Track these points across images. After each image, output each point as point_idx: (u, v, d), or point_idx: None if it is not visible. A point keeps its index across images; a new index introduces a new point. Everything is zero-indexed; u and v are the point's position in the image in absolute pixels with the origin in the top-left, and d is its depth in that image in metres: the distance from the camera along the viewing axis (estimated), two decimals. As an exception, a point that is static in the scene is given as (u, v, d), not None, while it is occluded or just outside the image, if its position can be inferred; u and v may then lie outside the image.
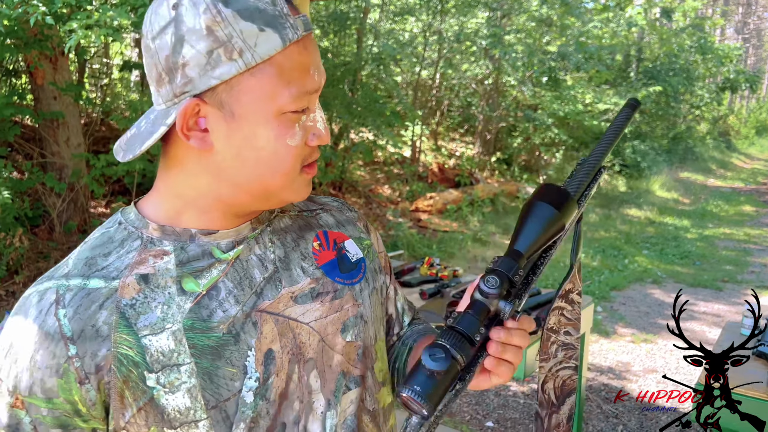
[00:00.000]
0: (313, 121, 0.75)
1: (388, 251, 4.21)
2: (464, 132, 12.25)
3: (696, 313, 5.57)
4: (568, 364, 0.88)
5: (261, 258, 0.80)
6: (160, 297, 0.73)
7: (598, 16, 11.65)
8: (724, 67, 17.54)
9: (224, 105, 0.70)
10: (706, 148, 19.31)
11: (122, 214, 0.80)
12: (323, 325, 0.81)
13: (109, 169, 5.56)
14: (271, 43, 0.68)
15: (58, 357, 0.69)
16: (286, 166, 0.73)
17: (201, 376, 0.72)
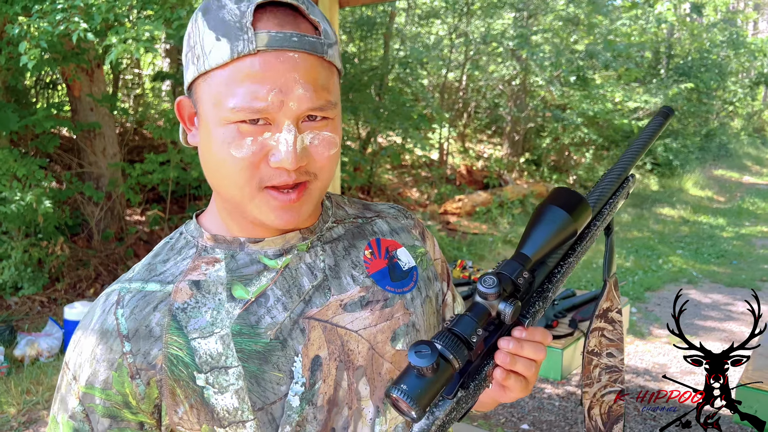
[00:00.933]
0: (276, 141, 0.71)
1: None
2: (492, 133, 12.20)
3: (734, 313, 5.46)
4: (613, 388, 0.84)
5: (310, 266, 0.81)
6: (210, 302, 0.76)
7: (626, 13, 11.50)
8: (757, 61, 17.13)
9: (196, 104, 0.76)
10: (741, 144, 18.87)
11: (185, 226, 0.85)
12: (372, 333, 0.82)
13: (144, 178, 5.69)
14: (220, 52, 0.70)
15: (114, 352, 0.74)
16: (235, 178, 0.72)
17: (248, 379, 0.74)
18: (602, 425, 0.84)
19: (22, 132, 5.28)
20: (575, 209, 0.73)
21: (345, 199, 0.95)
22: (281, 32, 0.70)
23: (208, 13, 0.72)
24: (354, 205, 0.94)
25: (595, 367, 0.82)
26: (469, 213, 8.45)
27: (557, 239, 0.73)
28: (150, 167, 5.61)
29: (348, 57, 8.52)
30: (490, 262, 6.84)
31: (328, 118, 0.75)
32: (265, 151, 0.72)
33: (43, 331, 4.35)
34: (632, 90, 11.54)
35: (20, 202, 4.28)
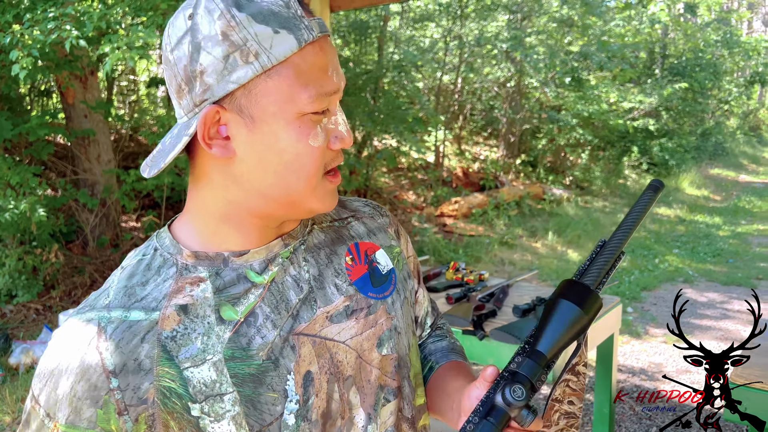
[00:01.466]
0: (334, 123, 0.74)
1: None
2: (488, 135, 12.22)
3: (730, 311, 5.47)
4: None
5: (296, 279, 0.79)
6: (199, 327, 0.73)
7: (619, 14, 11.53)
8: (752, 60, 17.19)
9: (243, 110, 0.70)
10: (737, 143, 18.92)
11: (157, 239, 0.80)
12: (359, 342, 0.82)
13: (138, 184, 5.69)
14: (287, 44, 0.68)
15: (99, 389, 0.69)
16: (309, 168, 0.73)
17: (244, 403, 0.72)
18: None
19: (16, 140, 5.28)
20: (586, 303, 0.75)
21: None
22: (318, 18, 0.72)
23: (245, 8, 0.68)
24: None
25: (555, 412, 0.86)
26: (466, 215, 8.46)
27: (570, 334, 0.75)
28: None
29: (343, 61, 8.54)
30: (486, 263, 6.85)
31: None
32: (328, 137, 0.74)
33: (38, 338, 4.35)
34: (627, 90, 11.56)
35: (14, 210, 4.28)
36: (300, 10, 0.70)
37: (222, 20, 0.67)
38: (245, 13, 0.67)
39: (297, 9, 0.69)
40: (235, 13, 0.67)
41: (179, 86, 0.71)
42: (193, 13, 0.70)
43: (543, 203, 9.60)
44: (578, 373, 0.87)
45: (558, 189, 10.47)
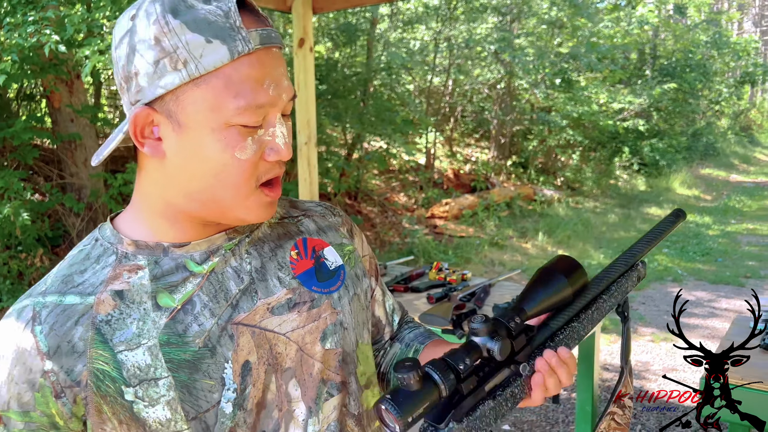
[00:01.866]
0: (271, 135, 0.73)
1: (402, 257, 4.21)
2: (479, 137, 12.24)
3: (718, 309, 5.48)
4: None
5: (237, 270, 0.80)
6: (135, 313, 0.74)
7: (608, 15, 11.58)
8: (741, 60, 17.29)
9: (172, 114, 0.71)
10: (728, 143, 19.01)
11: (99, 230, 0.81)
12: (301, 334, 0.82)
13: (126, 188, 5.67)
14: (218, 55, 0.68)
15: (35, 372, 0.70)
16: (236, 179, 0.72)
17: (179, 389, 0.73)
18: None
19: (1, 145, 5.26)
20: (572, 275, 0.82)
21: None
22: (264, 29, 0.71)
23: (180, 14, 0.68)
24: (281, 204, 0.93)
25: None
26: (456, 216, 8.46)
27: (552, 300, 0.80)
28: (132, 177, 5.60)
29: (332, 64, 8.54)
30: (477, 264, 6.85)
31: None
32: (262, 149, 0.73)
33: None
34: (617, 91, 11.61)
35: (-2, 214, 4.25)
36: (239, 21, 0.69)
37: (156, 25, 0.68)
38: (180, 20, 0.68)
39: (236, 20, 0.69)
40: (169, 20, 0.68)
41: (120, 84, 0.74)
42: (135, 14, 0.71)
43: (534, 204, 9.62)
44: (624, 406, 0.90)
45: (549, 190, 10.49)
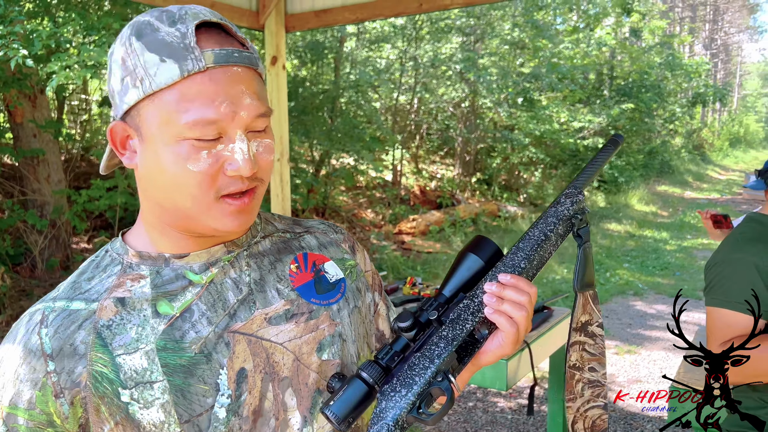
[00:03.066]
0: (230, 151, 0.75)
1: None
2: (444, 154, 12.41)
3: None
4: (596, 403, 0.86)
5: (236, 281, 0.83)
6: (135, 319, 0.78)
7: (568, 37, 11.95)
8: (693, 82, 18.01)
9: (137, 128, 0.76)
10: (682, 161, 19.68)
11: (111, 244, 0.86)
12: (298, 345, 0.84)
13: (91, 204, 5.57)
14: (170, 72, 0.72)
15: (38, 371, 0.75)
16: (192, 190, 0.75)
17: (174, 392, 0.76)
18: None
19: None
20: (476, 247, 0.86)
21: (275, 216, 0.98)
22: (224, 49, 0.75)
23: (143, 37, 0.73)
24: (284, 221, 0.96)
25: (577, 382, 0.85)
26: (423, 232, 8.54)
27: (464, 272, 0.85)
28: (97, 193, 5.51)
29: (300, 81, 8.58)
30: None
31: (267, 126, 0.80)
32: (221, 162, 0.75)
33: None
34: (577, 110, 11.95)
35: (-42, 231, 4.13)
36: (193, 42, 0.73)
37: (123, 47, 0.75)
38: (141, 41, 0.74)
39: (191, 41, 0.73)
40: (133, 41, 0.74)
41: (110, 101, 0.81)
42: (118, 38, 0.79)
43: (498, 220, 9.78)
44: (593, 334, 0.86)
45: (512, 206, 10.69)
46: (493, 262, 0.85)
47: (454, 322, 0.80)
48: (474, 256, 0.84)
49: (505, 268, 0.83)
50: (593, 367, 0.85)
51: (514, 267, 0.83)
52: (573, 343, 0.85)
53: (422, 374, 0.77)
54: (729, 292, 1.40)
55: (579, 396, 0.84)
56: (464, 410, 3.85)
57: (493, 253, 0.85)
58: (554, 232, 0.86)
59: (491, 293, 0.80)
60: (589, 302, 0.87)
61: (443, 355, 0.78)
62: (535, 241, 0.85)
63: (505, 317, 0.79)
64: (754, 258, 1.41)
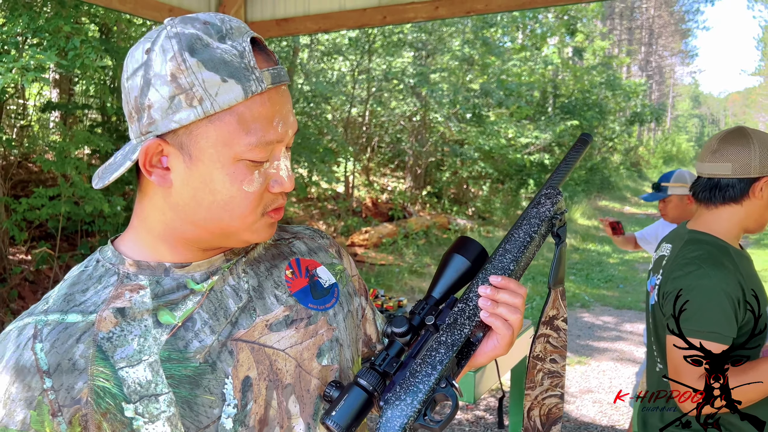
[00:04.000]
0: (276, 168, 0.76)
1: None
2: (395, 167, 12.49)
3: (624, 333, 5.85)
4: (554, 392, 0.89)
5: (235, 288, 0.82)
6: (136, 330, 0.75)
7: (516, 55, 12.28)
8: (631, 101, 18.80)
9: (184, 147, 0.73)
10: (621, 177, 20.48)
11: (100, 252, 0.82)
12: (299, 351, 0.84)
13: (31, 213, 5.31)
14: (233, 93, 0.70)
15: (33, 389, 0.70)
16: (243, 210, 0.75)
17: (180, 404, 0.74)
18: (540, 426, 0.89)
19: None
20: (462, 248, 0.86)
21: None
22: (275, 68, 0.74)
23: (197, 53, 0.70)
24: None
25: (538, 372, 0.88)
26: (376, 244, 8.55)
27: (453, 274, 0.85)
28: (38, 202, 5.25)
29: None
30: (398, 291, 6.93)
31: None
32: (268, 181, 0.76)
33: None
34: (524, 126, 12.27)
35: None
36: (253, 62, 0.72)
37: (173, 62, 0.70)
38: (197, 58, 0.70)
39: (250, 60, 0.71)
40: (186, 57, 0.70)
41: (130, 113, 0.75)
42: (151, 48, 0.72)
43: (448, 233, 9.90)
44: (558, 328, 0.89)
45: (462, 219, 10.85)
46: (480, 262, 0.86)
47: (451, 327, 0.81)
48: (460, 256, 0.85)
49: (495, 270, 0.84)
50: (554, 359, 0.89)
51: (503, 269, 0.85)
52: (539, 335, 0.88)
53: (426, 381, 0.78)
54: (707, 322, 1.40)
55: (538, 385, 0.88)
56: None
57: (479, 253, 0.86)
58: (538, 233, 0.89)
59: (486, 296, 0.81)
60: (558, 298, 0.91)
61: (445, 361, 0.79)
62: (521, 242, 0.87)
63: (501, 320, 0.81)
64: (722, 284, 1.41)
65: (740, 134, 1.53)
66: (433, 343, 0.80)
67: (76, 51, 3.74)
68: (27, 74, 3.52)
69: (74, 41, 3.85)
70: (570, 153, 0.97)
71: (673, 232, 1.70)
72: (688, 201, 2.95)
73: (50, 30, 3.74)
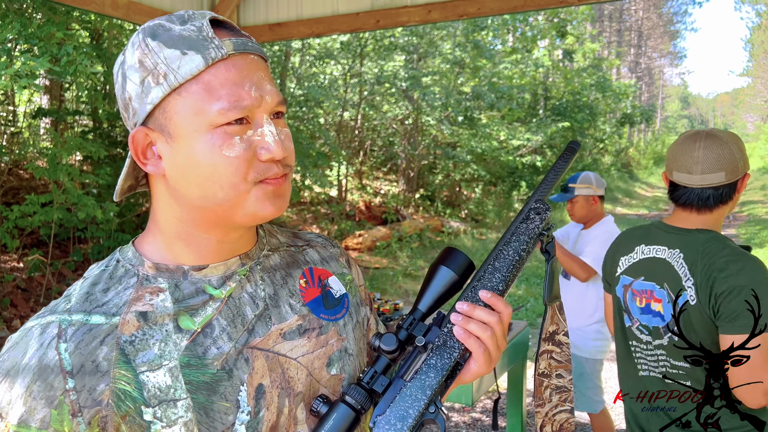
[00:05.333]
0: (260, 135, 0.75)
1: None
2: (388, 170, 12.50)
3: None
4: (563, 407, 0.90)
5: (252, 296, 0.83)
6: (157, 334, 0.76)
7: (507, 57, 12.34)
8: (621, 103, 18.93)
9: (163, 128, 0.75)
10: (612, 178, 20.58)
11: (120, 252, 0.83)
12: (310, 360, 0.85)
13: (23, 221, 5.28)
14: (194, 63, 0.72)
15: (56, 389, 0.71)
16: (230, 178, 0.74)
17: (197, 410, 0.74)
18: None
19: None
20: (447, 260, 0.85)
21: (275, 228, 0.98)
22: (239, 38, 0.76)
23: (158, 36, 0.74)
24: (284, 234, 0.97)
25: (546, 388, 0.88)
26: (370, 248, 8.55)
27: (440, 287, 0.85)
28: (30, 209, 5.22)
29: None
30: (392, 295, 6.94)
31: (284, 113, 0.80)
32: (254, 148, 0.75)
33: None
34: (515, 129, 12.32)
35: None
36: (211, 33, 0.74)
37: (139, 50, 0.75)
38: (157, 41, 0.74)
39: (208, 32, 0.74)
40: (149, 42, 0.74)
41: (123, 115, 0.79)
42: (125, 48, 0.77)
43: (442, 235, 9.91)
44: (560, 343, 0.89)
45: (455, 222, 10.87)
46: (466, 275, 0.86)
47: (441, 350, 0.81)
48: (446, 268, 0.84)
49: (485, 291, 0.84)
50: (560, 374, 0.89)
51: (493, 290, 0.84)
52: (542, 352, 0.88)
53: (415, 406, 0.79)
54: None
55: (547, 401, 0.88)
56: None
57: (466, 265, 0.85)
58: (527, 252, 0.88)
59: (459, 312, 0.81)
60: (556, 313, 0.90)
61: (434, 386, 0.80)
62: (511, 261, 0.87)
63: (473, 338, 0.81)
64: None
65: (716, 140, 1.56)
66: (423, 366, 0.81)
67: (69, 57, 3.72)
68: (19, 81, 3.51)
69: (67, 48, 3.84)
70: (558, 162, 0.96)
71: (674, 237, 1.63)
72: (593, 202, 3.07)
73: (42, 36, 3.73)
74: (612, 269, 1.79)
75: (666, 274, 1.60)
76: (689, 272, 1.55)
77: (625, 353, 1.72)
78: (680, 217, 1.64)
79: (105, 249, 6.04)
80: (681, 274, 1.57)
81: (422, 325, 0.83)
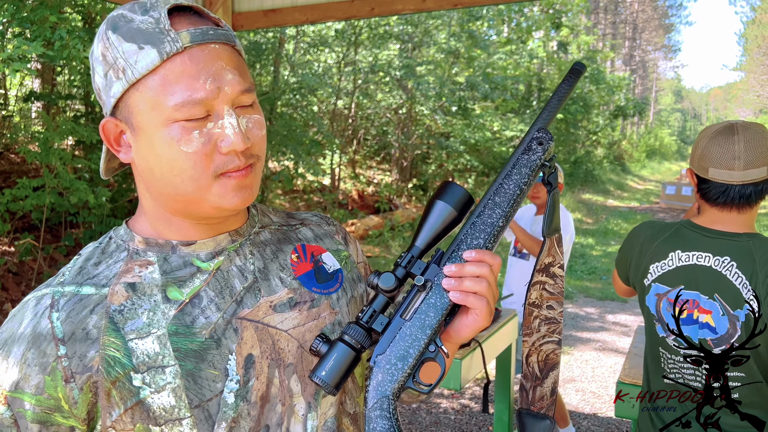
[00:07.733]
0: (221, 127, 0.75)
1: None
2: (381, 160, 12.50)
3: (606, 323, 5.94)
4: (551, 338, 0.90)
5: (241, 269, 0.85)
6: (146, 304, 0.78)
7: (502, 48, 12.33)
8: (615, 95, 18.96)
9: (128, 120, 0.77)
10: (604, 171, 20.65)
11: (114, 231, 0.86)
12: (301, 332, 0.86)
13: (15, 205, 5.26)
14: (149, 58, 0.73)
15: (48, 356, 0.74)
16: (190, 172, 0.75)
17: (185, 377, 0.77)
18: (539, 371, 0.91)
19: None
20: (445, 194, 0.82)
21: (269, 208, 0.99)
22: (198, 28, 0.75)
23: (118, 29, 0.74)
24: (278, 214, 0.98)
25: (535, 318, 0.88)
26: (362, 237, 8.58)
27: (438, 224, 0.82)
28: (22, 193, 5.20)
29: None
30: (384, 284, 6.99)
31: (254, 101, 0.80)
32: (213, 141, 0.75)
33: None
34: (509, 120, 12.34)
35: None
36: (167, 25, 0.74)
37: (101, 43, 0.76)
38: (117, 33, 0.75)
39: (165, 24, 0.74)
40: (109, 35, 0.75)
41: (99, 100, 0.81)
42: (95, 36, 0.79)
43: (434, 225, 9.94)
44: (554, 275, 0.89)
45: (448, 212, 10.89)
46: (465, 210, 0.82)
47: (440, 288, 0.80)
48: (444, 203, 0.81)
49: (484, 226, 0.82)
50: (551, 305, 0.89)
51: (493, 226, 0.82)
52: (534, 282, 0.88)
53: (415, 345, 0.79)
54: None
55: (535, 331, 0.88)
56: (408, 411, 3.89)
57: (464, 199, 0.82)
58: (528, 185, 0.84)
59: (450, 274, 0.80)
60: (554, 245, 0.90)
61: (434, 325, 0.79)
62: (512, 195, 0.83)
63: (471, 295, 0.79)
64: None
65: (755, 133, 1.48)
66: (422, 305, 0.80)
67: (63, 41, 3.71)
68: (12, 65, 3.49)
69: (61, 31, 3.82)
70: (561, 86, 0.90)
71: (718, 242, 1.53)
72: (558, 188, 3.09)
73: (35, 20, 3.71)
74: (639, 275, 1.65)
75: (716, 285, 1.49)
76: (749, 283, 1.45)
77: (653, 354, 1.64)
78: (719, 218, 1.54)
79: (96, 234, 6.03)
80: (738, 285, 1.46)
81: (420, 263, 0.81)
